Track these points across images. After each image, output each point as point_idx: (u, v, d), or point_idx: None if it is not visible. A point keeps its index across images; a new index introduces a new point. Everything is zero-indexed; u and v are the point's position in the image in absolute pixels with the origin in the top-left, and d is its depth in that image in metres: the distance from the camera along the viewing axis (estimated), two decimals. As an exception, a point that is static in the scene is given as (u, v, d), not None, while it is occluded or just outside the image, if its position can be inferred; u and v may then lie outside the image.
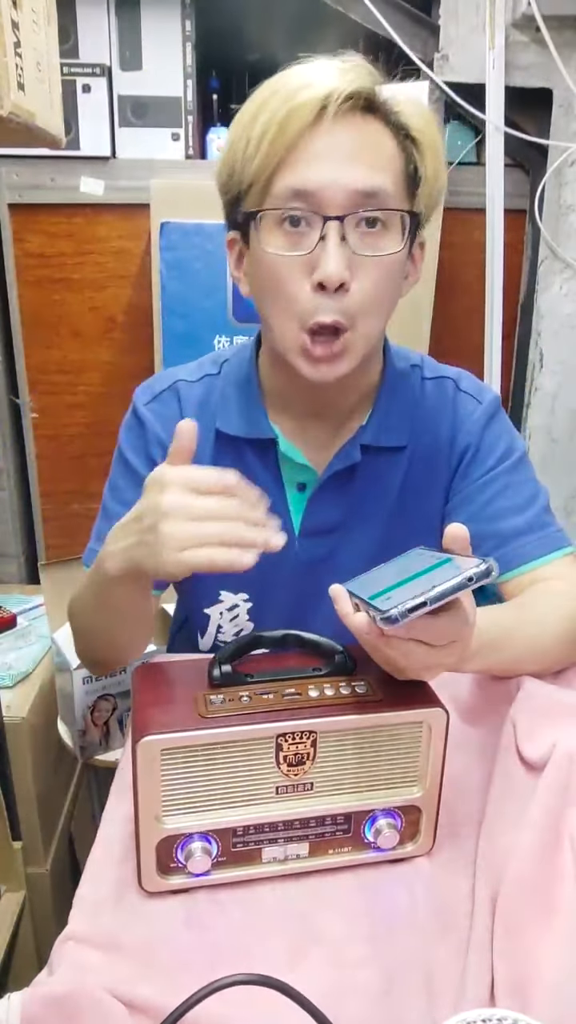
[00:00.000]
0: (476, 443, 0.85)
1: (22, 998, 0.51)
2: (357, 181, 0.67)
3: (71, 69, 1.50)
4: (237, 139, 0.70)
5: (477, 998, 0.52)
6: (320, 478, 0.83)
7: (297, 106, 0.65)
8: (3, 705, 1.19)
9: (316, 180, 0.66)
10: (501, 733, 0.76)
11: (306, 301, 0.69)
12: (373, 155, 0.68)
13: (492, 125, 1.51)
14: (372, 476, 0.84)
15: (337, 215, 0.67)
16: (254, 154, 0.68)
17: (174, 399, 0.85)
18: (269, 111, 0.67)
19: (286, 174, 0.67)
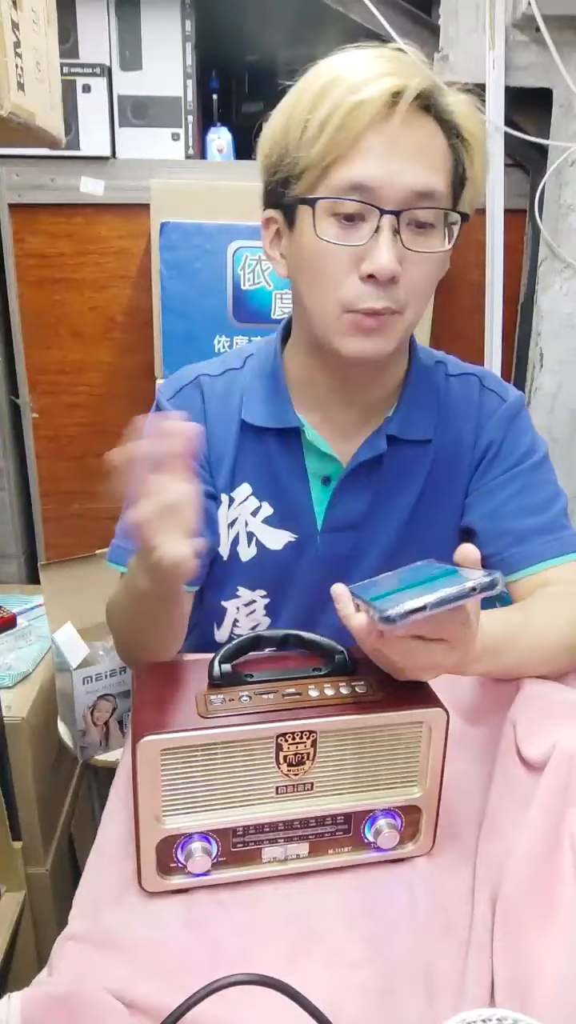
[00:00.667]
0: (499, 440, 0.85)
1: (22, 998, 0.51)
2: (416, 181, 0.68)
3: (71, 69, 1.50)
4: (294, 122, 0.70)
5: (477, 998, 0.52)
6: (346, 469, 0.83)
7: (366, 99, 0.65)
8: (3, 705, 1.19)
9: (377, 176, 0.67)
10: (501, 733, 0.76)
11: (352, 289, 0.70)
12: (431, 155, 0.70)
13: (492, 125, 1.51)
14: (397, 469, 0.84)
15: (393, 210, 0.68)
16: (313, 141, 0.67)
17: (197, 392, 0.86)
18: (332, 100, 0.66)
19: (347, 166, 0.67)
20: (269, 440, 0.84)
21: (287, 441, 0.84)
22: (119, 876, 0.63)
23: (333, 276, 0.70)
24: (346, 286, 0.70)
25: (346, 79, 0.67)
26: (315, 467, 0.85)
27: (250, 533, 0.86)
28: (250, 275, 1.45)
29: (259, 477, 0.85)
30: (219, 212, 1.43)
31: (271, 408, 0.83)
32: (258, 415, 0.83)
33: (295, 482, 0.84)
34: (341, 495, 0.84)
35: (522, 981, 0.54)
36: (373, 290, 0.70)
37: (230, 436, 0.84)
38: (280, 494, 0.85)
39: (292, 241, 0.74)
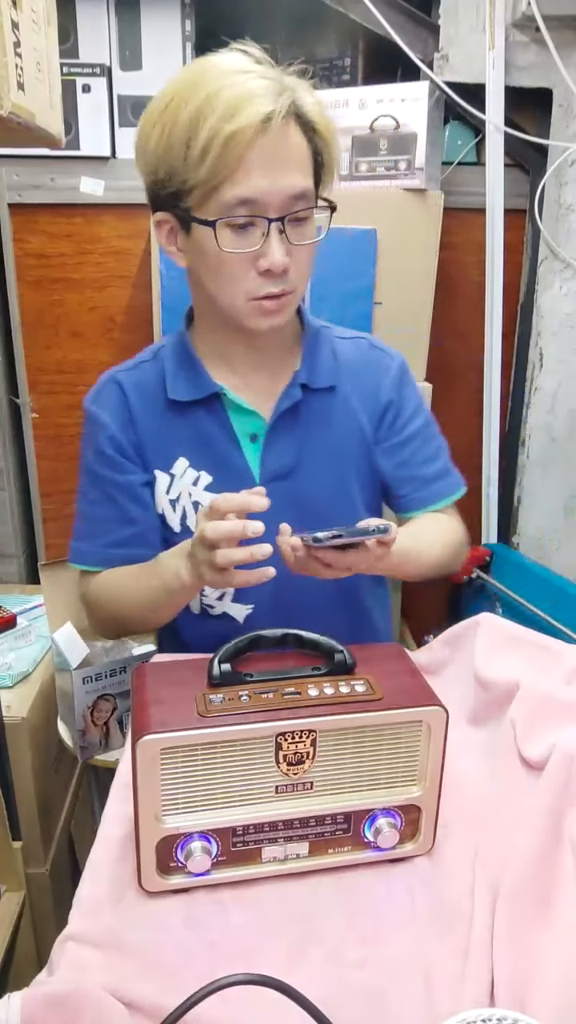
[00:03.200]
0: (397, 400, 1.00)
1: (22, 998, 0.51)
2: (292, 187, 0.80)
3: (71, 69, 1.50)
4: (175, 143, 0.78)
5: (477, 998, 0.52)
6: (269, 421, 0.94)
7: (242, 128, 0.75)
8: (3, 705, 1.19)
9: (260, 189, 0.78)
10: (501, 733, 0.76)
11: (253, 282, 0.83)
12: (299, 160, 0.81)
13: (492, 125, 1.51)
14: (313, 416, 0.96)
15: (277, 216, 0.80)
16: (198, 164, 0.77)
17: (115, 388, 0.96)
18: (209, 126, 0.76)
19: (232, 186, 0.78)
20: (196, 412, 0.94)
21: (211, 409, 0.94)
22: (119, 876, 0.63)
23: (235, 274, 0.83)
24: (247, 280, 0.83)
25: (219, 103, 0.76)
26: (242, 427, 0.94)
27: (196, 503, 0.94)
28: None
29: (193, 449, 0.94)
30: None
31: (191, 382, 0.93)
32: (181, 391, 0.93)
33: (226, 445, 0.94)
34: (270, 447, 0.95)
35: (522, 981, 0.54)
36: (270, 280, 0.83)
37: (157, 418, 0.94)
38: (215, 460, 0.94)
39: (191, 242, 0.85)
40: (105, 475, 0.95)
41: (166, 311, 1.48)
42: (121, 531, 0.95)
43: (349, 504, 0.98)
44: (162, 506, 0.96)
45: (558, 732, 0.72)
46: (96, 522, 0.97)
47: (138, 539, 0.95)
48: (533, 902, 0.59)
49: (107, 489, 0.95)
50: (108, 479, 0.95)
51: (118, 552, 0.95)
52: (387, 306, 1.52)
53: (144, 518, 0.95)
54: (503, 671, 0.81)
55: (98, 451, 0.95)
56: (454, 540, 1.01)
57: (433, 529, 1.00)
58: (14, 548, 1.76)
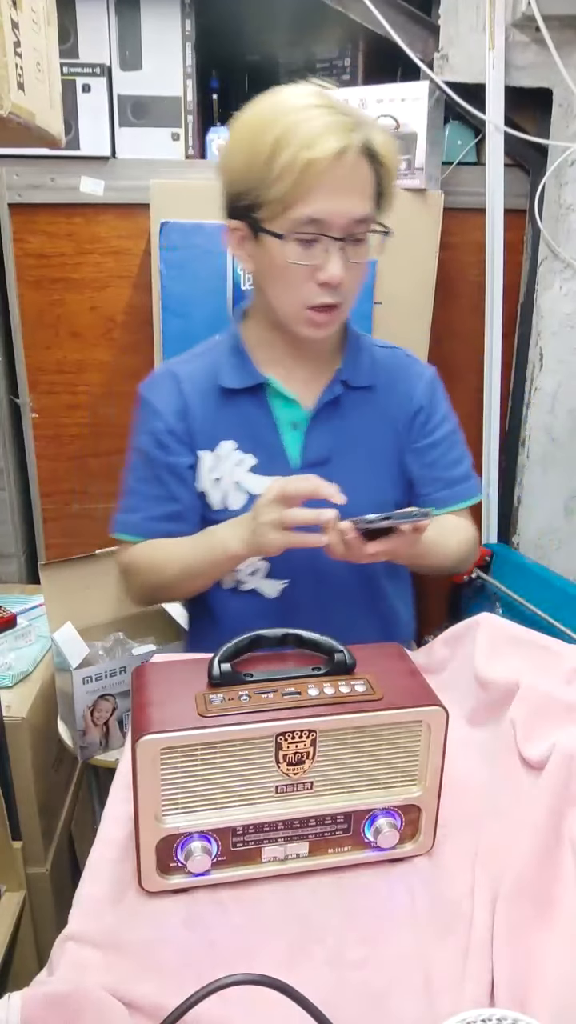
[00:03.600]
0: (428, 406, 1.09)
1: (22, 998, 0.51)
2: (355, 211, 0.90)
3: (71, 69, 1.50)
4: (256, 165, 0.88)
5: (477, 998, 0.52)
6: (311, 412, 1.03)
7: (318, 158, 0.85)
8: (3, 705, 1.19)
9: (327, 212, 0.88)
10: (501, 733, 0.76)
11: (310, 291, 0.93)
12: (364, 187, 0.91)
13: (492, 125, 1.51)
14: (352, 411, 1.05)
15: (341, 236, 0.90)
16: (275, 184, 0.87)
17: (171, 378, 1.05)
18: (289, 153, 0.85)
19: (303, 206, 0.88)
20: (243, 400, 1.03)
21: (257, 398, 1.03)
22: (119, 876, 0.63)
23: (296, 282, 0.93)
24: (305, 289, 0.93)
25: (299, 135, 0.85)
26: (284, 416, 1.03)
27: (237, 483, 1.02)
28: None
29: (240, 433, 1.02)
30: (219, 212, 1.43)
31: (241, 372, 1.03)
32: (231, 379, 1.03)
33: (269, 431, 1.03)
34: (310, 435, 1.03)
35: (522, 981, 0.54)
36: (325, 291, 0.93)
37: (208, 404, 1.03)
38: (259, 444, 1.02)
39: (259, 249, 0.94)
40: (155, 456, 1.03)
41: (166, 311, 1.48)
42: (164, 507, 1.03)
43: (379, 497, 1.04)
44: (205, 485, 1.03)
45: (558, 732, 0.72)
46: (142, 497, 1.05)
47: (179, 516, 1.03)
48: (533, 902, 0.59)
49: (156, 469, 1.03)
50: (158, 460, 1.03)
51: (159, 526, 1.03)
52: (387, 306, 1.52)
53: (186, 498, 1.03)
54: (503, 671, 0.81)
55: (151, 433, 1.03)
56: (469, 539, 1.10)
57: (452, 527, 1.08)
58: (14, 548, 1.76)
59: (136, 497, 1.06)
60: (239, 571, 1.03)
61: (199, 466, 1.03)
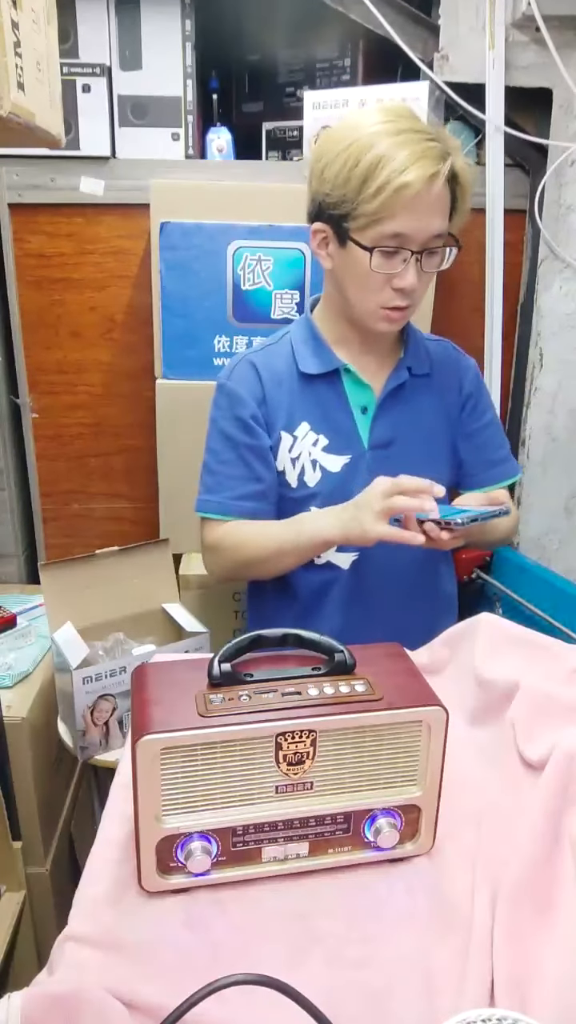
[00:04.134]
0: (476, 394, 1.21)
1: (22, 998, 0.51)
2: (434, 228, 1.00)
3: (71, 69, 1.50)
4: (352, 177, 0.97)
5: (477, 998, 0.52)
6: (379, 397, 1.13)
7: (411, 182, 0.94)
8: (3, 705, 1.19)
9: (411, 230, 0.98)
10: (501, 733, 0.76)
11: (387, 295, 1.03)
12: (444, 207, 1.01)
13: (492, 125, 1.51)
14: (414, 397, 1.15)
15: (419, 249, 1.00)
16: (369, 200, 0.96)
17: (248, 366, 1.14)
18: (384, 175, 0.94)
19: (391, 223, 0.97)
20: (318, 384, 1.12)
21: (332, 383, 1.13)
22: (119, 876, 0.63)
23: (376, 287, 1.03)
24: (383, 293, 1.03)
25: (396, 159, 0.94)
26: (355, 399, 1.13)
27: (314, 461, 1.12)
28: (250, 275, 1.45)
29: (314, 415, 1.12)
30: (219, 212, 1.43)
31: (319, 358, 1.12)
32: (311, 365, 1.12)
33: (342, 413, 1.12)
34: (379, 418, 1.13)
35: (522, 981, 0.54)
36: (400, 296, 1.03)
37: (286, 389, 1.12)
38: (333, 425, 1.12)
39: (343, 253, 1.03)
40: (239, 438, 1.11)
41: (166, 311, 1.48)
42: (247, 487, 1.11)
43: (433, 475, 1.07)
44: (283, 464, 1.12)
45: (558, 732, 0.72)
46: (225, 478, 1.12)
47: (261, 495, 1.12)
48: (533, 902, 0.59)
49: (239, 450, 1.11)
50: (241, 442, 1.11)
51: (243, 504, 1.11)
52: (387, 306, 1.52)
53: (268, 477, 1.12)
54: (503, 671, 0.81)
55: (235, 418, 1.12)
56: (515, 516, 1.26)
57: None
58: (14, 548, 1.76)
59: (219, 478, 1.13)
60: None
61: (279, 446, 1.12)
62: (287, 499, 1.13)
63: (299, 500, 1.13)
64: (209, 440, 1.15)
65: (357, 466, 1.11)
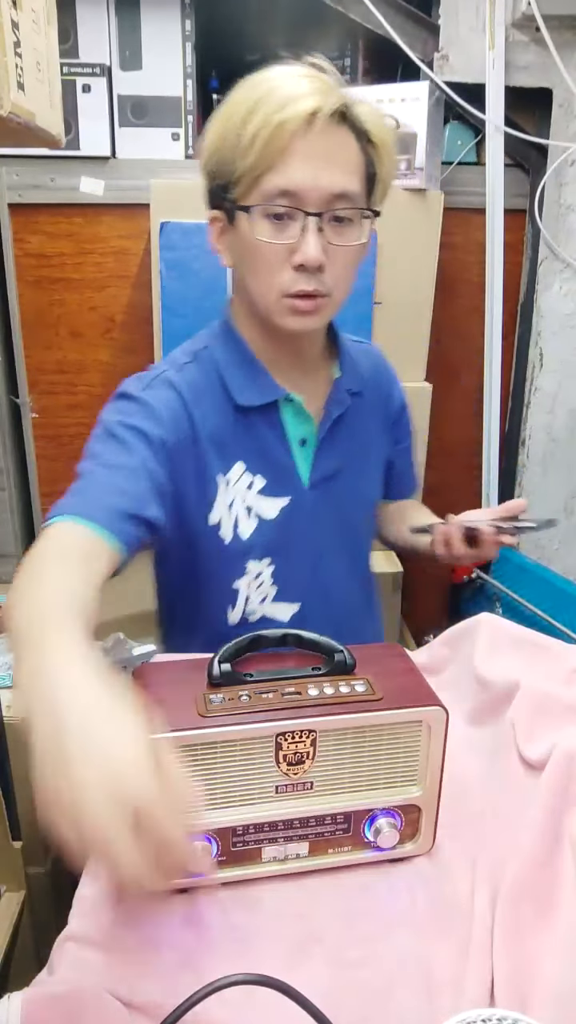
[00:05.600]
0: (404, 404, 1.09)
1: (22, 998, 0.51)
2: (333, 184, 0.80)
3: (71, 69, 1.50)
4: (227, 135, 0.81)
5: (477, 998, 0.52)
6: (321, 426, 0.95)
7: (288, 118, 0.77)
8: (3, 705, 1.19)
9: (300, 182, 0.79)
10: (501, 733, 0.76)
11: (287, 277, 0.83)
12: (345, 161, 0.81)
13: (492, 125, 1.51)
14: (354, 419, 0.99)
15: (316, 212, 0.80)
16: (246, 153, 0.79)
17: (169, 388, 0.90)
18: (260, 118, 0.77)
19: (274, 175, 0.79)
20: (254, 416, 0.92)
21: (269, 413, 0.93)
22: (119, 876, 0.63)
23: (271, 266, 0.83)
24: (282, 274, 0.83)
25: (272, 99, 0.78)
26: (293, 431, 0.94)
27: (248, 507, 0.93)
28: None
29: (250, 453, 0.92)
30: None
31: (257, 387, 0.92)
32: (248, 396, 0.91)
33: (280, 449, 0.94)
34: (321, 451, 0.96)
35: (522, 981, 0.53)
36: (303, 276, 0.82)
37: (219, 423, 0.91)
38: (269, 464, 0.93)
39: (235, 237, 0.86)
40: (137, 447, 0.82)
41: (166, 311, 1.48)
42: (122, 499, 0.77)
43: (374, 500, 1.05)
44: (219, 515, 0.91)
45: (558, 732, 0.72)
46: (102, 476, 0.80)
47: (150, 496, 0.80)
48: (533, 902, 0.59)
49: (131, 454, 0.82)
50: (139, 451, 0.82)
51: (121, 504, 0.76)
52: (387, 306, 1.52)
53: (153, 510, 0.80)
54: (503, 671, 0.81)
55: (137, 429, 0.84)
56: None
57: (424, 510, 1.16)
58: (14, 548, 1.76)
59: (90, 481, 0.80)
60: (249, 599, 0.95)
61: (216, 495, 0.91)
62: (221, 556, 0.92)
63: (234, 556, 0.93)
64: (92, 445, 0.84)
65: (297, 509, 0.94)
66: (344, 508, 0.98)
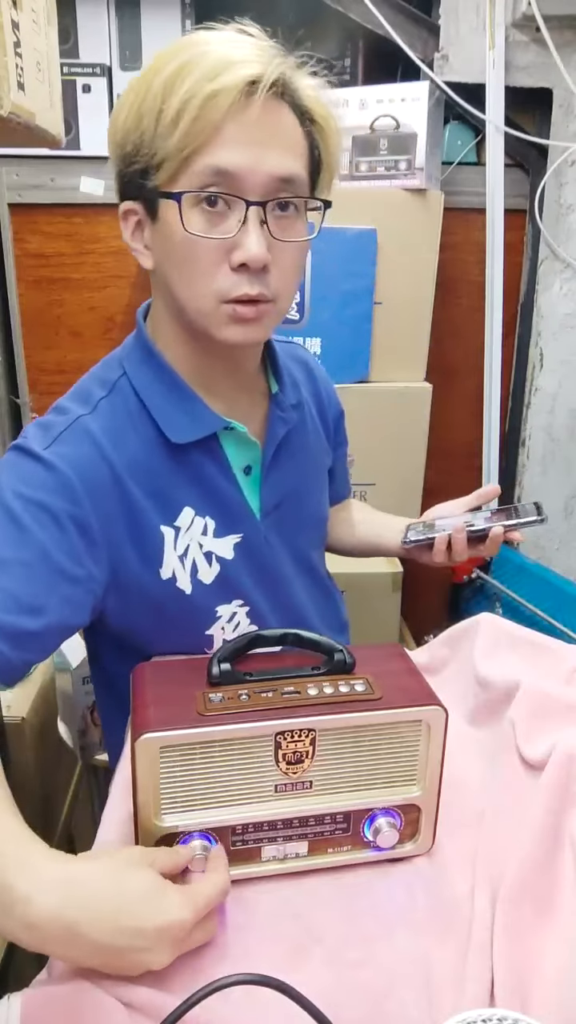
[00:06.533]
0: (339, 407, 1.01)
1: (22, 998, 0.51)
2: (278, 167, 0.68)
3: (71, 69, 1.50)
4: (147, 110, 0.67)
5: (477, 998, 0.52)
6: (266, 450, 0.84)
7: (223, 88, 0.64)
8: (3, 705, 1.19)
9: (238, 163, 0.66)
10: (501, 733, 0.76)
11: (225, 279, 0.70)
12: (289, 141, 0.70)
13: (492, 125, 1.51)
14: (295, 438, 0.88)
15: (258, 200, 0.68)
16: (170, 130, 0.66)
17: (81, 437, 0.74)
18: (187, 88, 0.64)
19: (207, 154, 0.66)
20: (192, 451, 0.79)
21: (207, 445, 0.80)
22: (118, 875, 0.63)
23: (204, 267, 0.69)
24: (219, 277, 0.70)
25: (200, 65, 0.65)
26: (236, 460, 0.82)
27: (207, 553, 0.81)
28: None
29: (194, 494, 0.80)
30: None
31: (191, 418, 0.78)
32: (186, 431, 0.78)
33: (224, 482, 0.81)
34: (269, 478, 0.84)
35: (522, 981, 0.53)
36: (245, 278, 0.69)
37: (157, 466, 0.77)
38: (216, 501, 0.81)
39: (157, 232, 0.73)
40: (37, 533, 0.68)
41: (166, 311, 1.47)
42: (16, 613, 0.65)
43: (323, 517, 0.99)
44: (172, 567, 0.79)
45: (558, 732, 0.72)
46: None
47: (45, 636, 0.69)
48: (533, 902, 0.59)
49: (33, 547, 0.68)
50: (39, 539, 0.68)
51: (9, 653, 0.65)
52: (387, 306, 1.52)
53: (54, 617, 0.68)
54: (503, 671, 0.81)
55: (35, 503, 0.69)
56: None
57: (370, 510, 1.15)
58: (14, 548, 1.76)
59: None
60: (224, 631, 0.85)
61: (163, 547, 0.78)
62: (186, 608, 0.81)
63: (201, 605, 0.82)
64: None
65: (251, 542, 0.83)
66: (298, 531, 0.91)
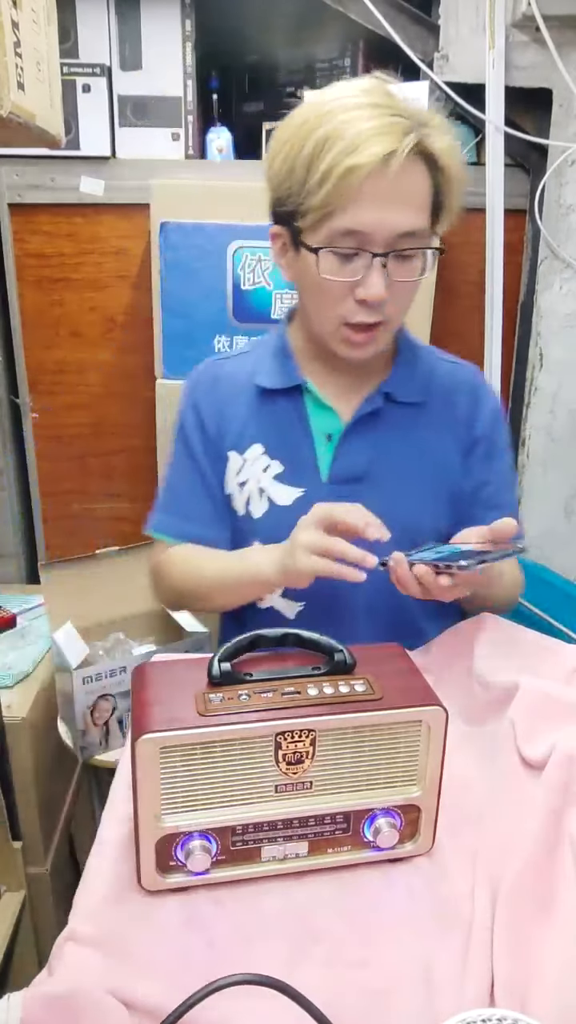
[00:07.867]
0: (490, 438, 1.00)
1: (22, 998, 0.51)
2: (401, 224, 0.81)
3: (71, 69, 1.50)
4: (297, 169, 0.81)
5: (477, 998, 0.52)
6: (347, 424, 0.95)
7: (360, 164, 0.76)
8: (3, 705, 1.19)
9: (369, 224, 0.80)
10: (501, 733, 0.76)
11: (349, 308, 0.85)
12: (416, 198, 0.82)
13: (492, 125, 1.51)
14: (393, 427, 0.96)
15: (382, 252, 0.81)
16: (315, 191, 0.79)
17: (210, 374, 1.02)
18: (331, 157, 0.77)
19: (343, 216, 0.80)
20: (279, 402, 0.97)
21: (294, 402, 0.97)
22: (119, 876, 0.63)
23: (333, 298, 0.85)
24: (343, 306, 0.85)
25: (342, 137, 0.77)
26: (319, 425, 0.96)
27: (261, 489, 0.96)
28: (250, 275, 1.45)
29: (269, 437, 0.97)
30: (219, 212, 1.43)
31: (280, 372, 0.97)
32: (268, 379, 0.97)
33: (302, 439, 0.96)
34: (343, 449, 0.95)
35: (522, 981, 0.53)
36: (364, 310, 0.85)
37: (242, 403, 0.98)
38: (289, 451, 0.96)
39: (298, 261, 0.88)
40: (194, 450, 1.00)
41: (166, 311, 1.48)
42: (201, 507, 0.99)
43: (414, 522, 0.93)
44: (230, 487, 0.99)
45: (558, 732, 0.72)
46: (179, 495, 1.01)
47: (215, 519, 0.99)
48: (533, 902, 0.59)
49: (200, 467, 1.00)
50: (201, 459, 0.99)
51: (194, 529, 0.99)
52: (387, 306, 1.52)
53: (222, 496, 0.99)
54: (503, 671, 0.81)
55: (190, 426, 1.00)
56: (516, 580, 1.04)
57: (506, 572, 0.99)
58: (14, 548, 1.76)
59: (173, 495, 1.02)
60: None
61: (227, 467, 0.98)
62: (235, 525, 1.00)
63: (244, 530, 0.98)
64: (171, 447, 1.04)
65: (311, 502, 0.88)
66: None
